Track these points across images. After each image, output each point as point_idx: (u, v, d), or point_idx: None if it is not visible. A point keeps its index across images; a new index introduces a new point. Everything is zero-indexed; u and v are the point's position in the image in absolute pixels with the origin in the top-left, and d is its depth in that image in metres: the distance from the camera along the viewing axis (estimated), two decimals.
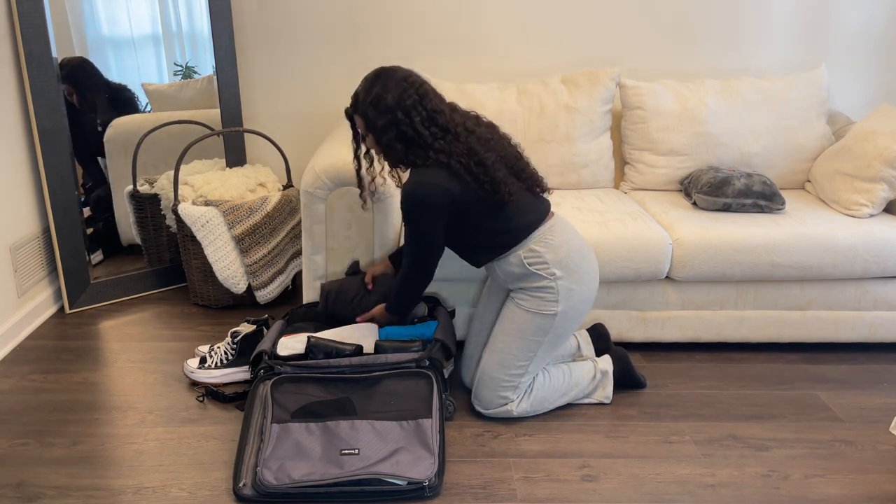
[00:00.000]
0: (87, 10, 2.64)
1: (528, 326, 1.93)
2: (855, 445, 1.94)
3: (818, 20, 3.03)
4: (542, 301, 1.91)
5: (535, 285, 1.92)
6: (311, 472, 1.69)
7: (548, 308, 1.91)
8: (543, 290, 1.91)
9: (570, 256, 1.92)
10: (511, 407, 1.98)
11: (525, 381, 1.98)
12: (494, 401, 1.99)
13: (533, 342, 1.94)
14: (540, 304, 1.91)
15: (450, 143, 1.83)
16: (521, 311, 1.94)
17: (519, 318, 1.94)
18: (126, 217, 2.86)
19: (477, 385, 2.01)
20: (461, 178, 1.81)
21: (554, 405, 2.06)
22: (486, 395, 1.99)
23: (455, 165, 1.81)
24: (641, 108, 2.75)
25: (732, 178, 2.46)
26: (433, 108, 1.84)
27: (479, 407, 2.03)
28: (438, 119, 1.84)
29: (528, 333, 1.93)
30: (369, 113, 1.84)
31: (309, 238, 2.27)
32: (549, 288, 1.90)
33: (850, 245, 2.28)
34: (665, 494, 1.73)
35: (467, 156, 1.82)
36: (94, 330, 2.55)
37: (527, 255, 1.90)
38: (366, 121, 1.86)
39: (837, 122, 2.93)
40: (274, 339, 2.05)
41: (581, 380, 2.08)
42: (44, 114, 2.47)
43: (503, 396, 1.98)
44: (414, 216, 1.84)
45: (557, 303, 1.90)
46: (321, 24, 2.99)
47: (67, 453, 1.86)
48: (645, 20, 3.01)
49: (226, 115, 2.97)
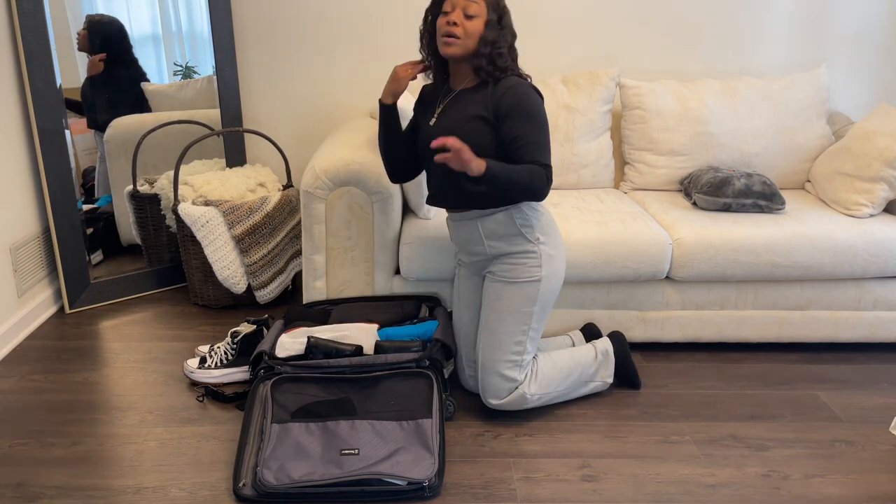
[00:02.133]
0: (87, 10, 2.64)
1: (515, 298, 1.93)
2: (855, 445, 1.94)
3: (818, 20, 3.03)
4: (525, 267, 1.93)
5: (518, 249, 1.93)
6: (310, 472, 1.69)
7: (532, 273, 1.93)
8: (526, 254, 1.93)
9: (550, 224, 1.98)
10: (523, 390, 1.96)
11: (527, 358, 1.96)
12: (503, 386, 1.95)
13: (524, 314, 1.94)
14: (524, 271, 1.93)
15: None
16: (504, 284, 1.94)
17: (506, 293, 1.94)
18: (126, 217, 2.86)
19: (482, 376, 1.99)
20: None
21: (562, 390, 2.04)
22: (493, 382, 1.96)
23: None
24: (641, 108, 2.75)
25: (732, 178, 2.46)
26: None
27: (491, 399, 1.98)
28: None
29: (517, 305, 1.93)
30: (505, 17, 1.87)
31: (309, 238, 2.27)
32: (531, 252, 1.93)
33: (849, 245, 2.28)
34: (665, 494, 1.73)
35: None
36: (94, 330, 2.55)
37: (518, 215, 1.92)
38: (498, 15, 1.86)
39: (837, 122, 2.93)
40: (274, 339, 2.05)
41: (583, 359, 2.08)
42: (44, 114, 2.47)
43: (510, 378, 1.94)
44: (541, 113, 1.85)
45: (541, 267, 1.93)
46: (321, 24, 2.99)
47: (67, 453, 1.85)
48: (645, 20, 3.01)
49: (226, 115, 2.97)
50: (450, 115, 1.92)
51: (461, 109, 1.89)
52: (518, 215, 1.91)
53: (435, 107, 1.97)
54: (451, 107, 1.93)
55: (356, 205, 2.22)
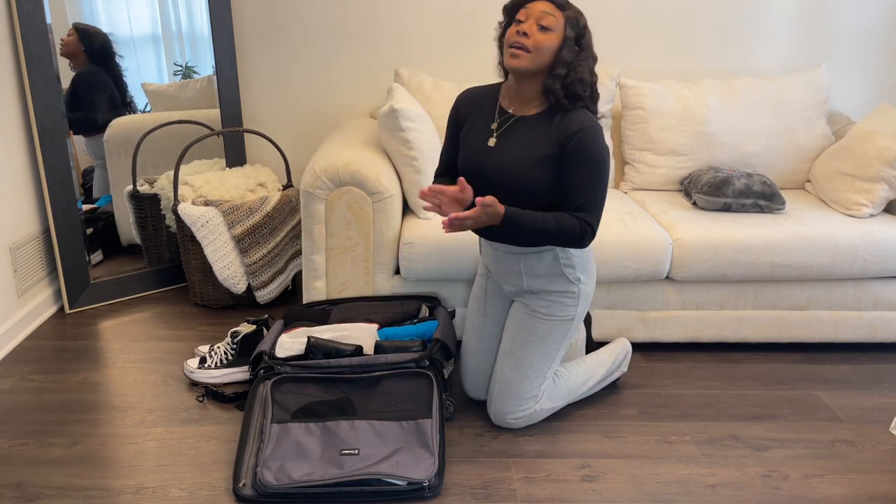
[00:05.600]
0: (87, 10, 2.64)
1: (549, 334, 1.90)
2: (855, 445, 1.94)
3: (818, 20, 3.03)
4: (562, 306, 1.88)
5: (558, 289, 1.87)
6: (310, 472, 1.69)
7: (567, 313, 1.89)
8: (565, 294, 1.87)
9: (591, 261, 1.91)
10: (535, 408, 1.95)
11: (545, 386, 1.96)
12: (518, 412, 1.95)
13: (553, 349, 1.93)
14: (560, 309, 1.88)
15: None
16: (540, 321, 1.89)
17: (539, 329, 1.90)
18: (126, 217, 2.86)
19: (497, 400, 1.95)
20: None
21: (574, 397, 2.05)
22: (508, 408, 1.94)
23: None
24: (641, 108, 2.74)
25: (732, 178, 2.46)
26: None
27: (509, 419, 1.95)
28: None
29: (549, 342, 1.91)
30: (586, 38, 1.73)
31: (309, 238, 2.27)
32: (571, 293, 1.87)
33: (849, 245, 2.28)
34: (665, 494, 1.73)
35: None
36: (94, 330, 2.55)
37: (563, 256, 1.84)
38: (577, 34, 1.71)
39: (837, 122, 2.93)
40: (274, 339, 2.05)
41: (599, 368, 2.09)
42: (44, 114, 2.47)
43: (526, 407, 1.95)
44: (605, 167, 1.72)
45: (577, 306, 1.89)
46: (321, 24, 2.99)
47: (67, 453, 1.85)
48: (645, 20, 3.01)
49: (226, 115, 2.97)
50: (513, 143, 1.77)
51: (528, 142, 1.76)
52: (563, 256, 1.84)
53: (489, 123, 1.83)
54: (513, 132, 1.78)
55: (356, 205, 2.22)
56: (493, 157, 1.78)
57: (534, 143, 1.75)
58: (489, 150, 1.79)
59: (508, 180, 1.76)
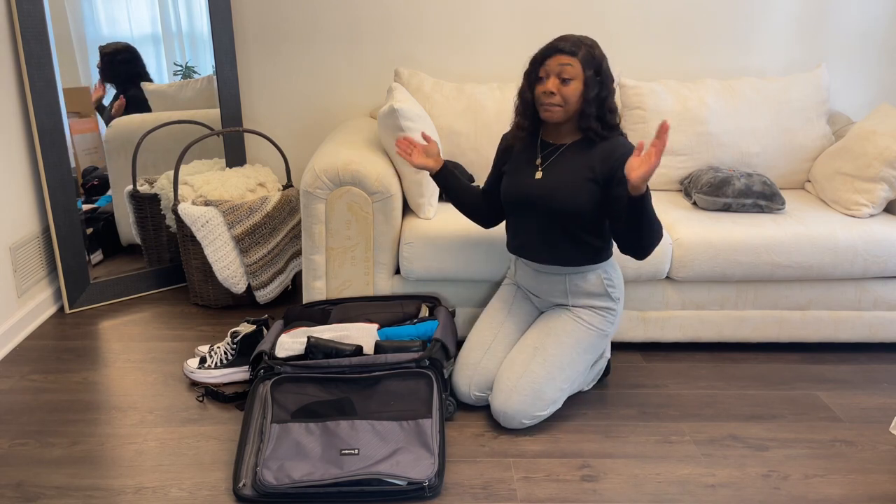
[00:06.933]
0: (87, 9, 2.64)
1: (586, 342, 1.96)
2: (855, 445, 1.94)
3: (818, 20, 3.03)
4: (604, 320, 1.98)
5: (602, 305, 1.98)
6: (310, 472, 1.69)
7: (606, 328, 1.99)
8: (607, 310, 1.99)
9: (622, 281, 2.04)
10: (542, 415, 1.96)
11: (561, 399, 1.97)
12: (534, 414, 1.93)
13: (581, 359, 1.97)
14: (602, 323, 1.98)
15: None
16: (580, 325, 1.96)
17: (577, 333, 1.96)
18: (126, 217, 2.86)
19: (516, 397, 1.91)
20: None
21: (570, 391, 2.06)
22: (527, 408, 1.91)
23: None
24: (641, 108, 2.75)
25: (732, 178, 2.46)
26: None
27: (519, 421, 1.92)
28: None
29: (583, 349, 1.96)
30: (603, 65, 1.81)
31: (309, 238, 2.27)
32: (611, 310, 1.99)
33: (850, 245, 2.28)
34: (665, 494, 1.73)
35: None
36: (94, 330, 2.55)
37: (605, 276, 1.96)
38: (595, 69, 1.80)
39: (837, 122, 2.93)
40: (274, 339, 2.05)
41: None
42: (44, 114, 2.47)
43: (542, 412, 1.93)
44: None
45: (613, 324, 2.00)
46: (321, 24, 2.99)
47: (67, 453, 1.85)
48: (645, 20, 3.01)
49: (226, 115, 2.97)
50: (559, 171, 1.89)
51: (571, 167, 1.87)
52: (605, 276, 1.96)
53: (534, 159, 1.95)
54: (557, 162, 1.90)
55: (356, 205, 2.22)
56: (541, 184, 1.90)
57: (578, 166, 1.87)
58: (535, 181, 1.92)
59: (555, 202, 1.87)
